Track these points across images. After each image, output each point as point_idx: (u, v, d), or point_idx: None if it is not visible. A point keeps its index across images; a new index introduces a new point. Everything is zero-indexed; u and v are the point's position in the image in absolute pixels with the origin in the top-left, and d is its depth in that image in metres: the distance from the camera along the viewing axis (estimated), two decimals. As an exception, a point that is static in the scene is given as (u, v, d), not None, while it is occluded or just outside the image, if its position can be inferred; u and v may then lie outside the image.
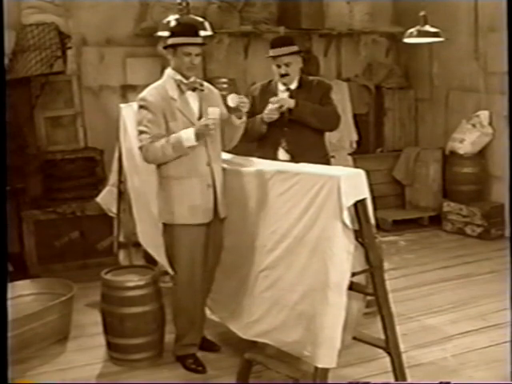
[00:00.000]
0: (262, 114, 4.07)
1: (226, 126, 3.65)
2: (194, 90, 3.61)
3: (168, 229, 3.66)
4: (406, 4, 7.31)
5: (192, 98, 3.61)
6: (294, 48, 4.09)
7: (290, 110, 4.05)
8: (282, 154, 4.11)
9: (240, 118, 3.61)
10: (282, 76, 4.09)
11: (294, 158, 3.92)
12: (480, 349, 3.91)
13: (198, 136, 3.44)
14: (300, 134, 4.08)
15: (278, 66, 4.08)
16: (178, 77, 3.58)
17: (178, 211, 3.57)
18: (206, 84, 3.73)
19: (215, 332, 4.07)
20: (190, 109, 3.59)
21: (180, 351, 3.81)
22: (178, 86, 3.58)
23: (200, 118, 3.56)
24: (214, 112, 3.44)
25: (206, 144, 3.58)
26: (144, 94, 3.58)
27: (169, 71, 3.63)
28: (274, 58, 4.08)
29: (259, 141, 4.21)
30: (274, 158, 4.02)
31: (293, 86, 4.14)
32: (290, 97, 4.09)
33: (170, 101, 3.54)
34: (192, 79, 3.61)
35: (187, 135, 3.43)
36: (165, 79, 3.63)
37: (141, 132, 3.51)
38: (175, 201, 3.58)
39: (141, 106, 3.54)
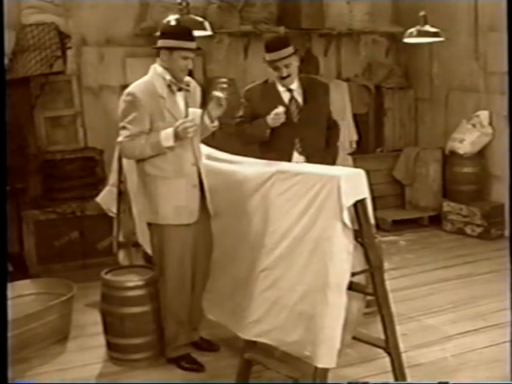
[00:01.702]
0: (266, 118, 3.90)
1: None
2: (180, 89, 3.59)
3: (153, 228, 3.66)
4: (406, 4, 7.32)
5: (179, 98, 3.60)
6: (291, 50, 3.92)
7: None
8: (296, 156, 4.00)
9: (212, 122, 3.62)
10: (283, 78, 3.96)
11: (309, 159, 3.87)
12: (480, 349, 3.91)
13: (177, 136, 3.43)
14: (313, 135, 4.01)
15: (276, 69, 3.94)
16: (169, 77, 3.54)
17: (162, 211, 3.57)
18: (192, 83, 3.71)
19: (214, 332, 4.07)
20: (178, 108, 3.57)
21: (172, 353, 3.79)
22: (169, 85, 3.54)
23: (186, 117, 3.55)
24: (195, 113, 3.49)
25: (192, 144, 3.59)
26: (133, 89, 3.50)
27: (158, 69, 3.57)
28: (272, 62, 3.94)
29: (271, 144, 4.02)
30: (289, 160, 3.91)
31: (293, 87, 4.03)
32: (292, 97, 4.01)
33: (159, 99, 3.51)
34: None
35: (166, 135, 3.43)
36: (152, 76, 3.56)
37: (123, 127, 3.49)
38: (160, 200, 3.56)
39: (127, 101, 3.48)
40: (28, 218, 5.51)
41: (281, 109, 3.88)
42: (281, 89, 4.04)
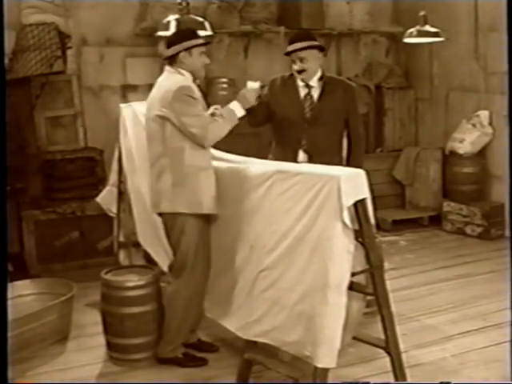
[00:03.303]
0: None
1: None
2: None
3: (190, 221, 3.59)
4: (405, 4, 7.32)
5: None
6: (309, 43, 3.95)
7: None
8: (301, 155, 4.00)
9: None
10: (299, 72, 3.97)
11: (312, 159, 3.88)
12: (480, 349, 3.91)
13: (243, 104, 3.59)
14: (321, 134, 3.99)
15: (294, 62, 3.97)
16: (191, 76, 3.63)
17: (205, 201, 3.59)
18: None
19: (214, 332, 4.07)
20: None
21: (170, 354, 3.79)
22: (197, 86, 3.65)
23: None
24: (253, 84, 3.67)
25: None
26: (184, 83, 3.53)
27: (181, 71, 3.60)
28: (290, 54, 3.98)
29: (281, 138, 4.09)
30: (294, 159, 3.93)
31: (313, 83, 4.02)
32: (308, 93, 4.02)
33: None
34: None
35: (235, 107, 3.59)
36: (183, 79, 3.58)
37: (196, 116, 3.49)
38: (203, 191, 3.59)
39: (187, 94, 3.49)
40: (28, 217, 5.51)
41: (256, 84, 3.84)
42: (300, 84, 4.05)
